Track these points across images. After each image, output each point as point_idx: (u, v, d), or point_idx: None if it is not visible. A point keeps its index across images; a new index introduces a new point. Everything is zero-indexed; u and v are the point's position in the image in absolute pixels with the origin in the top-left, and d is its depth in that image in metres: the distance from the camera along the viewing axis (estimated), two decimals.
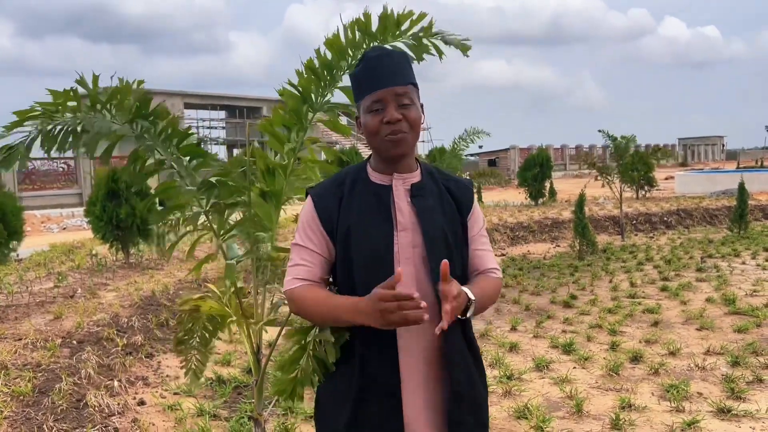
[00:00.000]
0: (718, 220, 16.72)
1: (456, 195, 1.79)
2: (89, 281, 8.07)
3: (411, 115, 1.66)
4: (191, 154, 2.56)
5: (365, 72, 1.68)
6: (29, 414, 3.89)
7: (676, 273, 9.39)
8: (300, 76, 2.40)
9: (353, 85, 1.75)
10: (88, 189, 24.66)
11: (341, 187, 1.73)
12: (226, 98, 42.10)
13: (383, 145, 1.67)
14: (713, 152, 69.20)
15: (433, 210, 1.72)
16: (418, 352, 1.67)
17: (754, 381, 4.71)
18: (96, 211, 9.68)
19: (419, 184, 1.74)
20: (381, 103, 1.65)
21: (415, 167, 1.77)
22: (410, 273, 1.67)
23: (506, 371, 5.06)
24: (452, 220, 1.74)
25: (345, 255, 1.68)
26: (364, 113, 1.69)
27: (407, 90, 1.67)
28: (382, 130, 1.65)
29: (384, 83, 1.65)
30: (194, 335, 2.90)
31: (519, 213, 16.54)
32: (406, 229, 1.69)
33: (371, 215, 1.69)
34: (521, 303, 7.71)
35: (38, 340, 5.20)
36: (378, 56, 1.69)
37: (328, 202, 1.72)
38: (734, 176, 18.57)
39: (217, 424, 4.20)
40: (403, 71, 1.68)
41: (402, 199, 1.71)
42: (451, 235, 1.72)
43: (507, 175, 39.34)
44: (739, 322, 6.36)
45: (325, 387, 1.81)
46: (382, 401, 1.66)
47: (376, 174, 1.74)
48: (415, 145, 1.72)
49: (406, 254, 1.67)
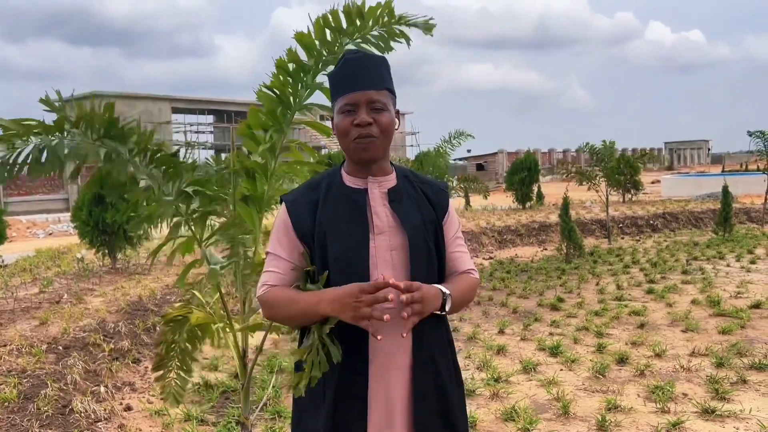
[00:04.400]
0: (703, 223, 16.88)
1: (432, 198, 1.80)
2: (75, 287, 8.01)
3: (382, 119, 1.66)
4: (166, 165, 2.53)
5: (342, 73, 1.69)
6: (14, 420, 3.86)
7: (662, 275, 9.46)
8: (275, 77, 2.41)
9: (330, 84, 1.75)
10: (74, 194, 24.48)
11: (316, 192, 1.73)
12: (213, 102, 41.99)
13: (352, 148, 1.67)
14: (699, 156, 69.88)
15: (411, 214, 1.73)
16: (388, 355, 1.66)
17: (738, 382, 4.76)
18: (82, 216, 9.62)
19: (396, 188, 1.75)
20: (354, 105, 1.66)
21: (390, 171, 1.77)
22: (389, 276, 1.67)
23: (494, 374, 5.08)
24: (430, 223, 1.75)
25: (322, 259, 1.67)
26: (336, 114, 1.70)
27: (382, 94, 1.67)
28: (351, 131, 1.66)
29: (359, 86, 1.66)
30: (176, 351, 2.88)
31: (507, 216, 16.62)
32: (383, 233, 1.69)
33: (347, 219, 1.69)
34: (509, 306, 7.74)
35: (23, 346, 5.16)
36: (356, 59, 1.70)
37: (303, 207, 1.71)
38: (719, 180, 18.77)
39: (205, 429, 4.19)
40: (379, 76, 1.69)
41: (378, 203, 1.71)
42: (429, 238, 1.73)
43: (495, 179, 39.46)
44: (724, 323, 6.42)
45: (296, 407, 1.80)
46: (352, 404, 1.66)
47: (350, 178, 1.74)
48: (386, 149, 1.72)
49: (384, 257, 1.68)
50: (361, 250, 1.66)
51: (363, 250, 1.66)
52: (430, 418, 1.70)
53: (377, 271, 1.66)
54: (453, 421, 1.74)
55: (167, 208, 2.46)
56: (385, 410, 1.67)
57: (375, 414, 1.66)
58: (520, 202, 20.40)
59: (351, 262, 1.65)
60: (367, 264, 1.66)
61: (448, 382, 1.74)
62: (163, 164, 2.48)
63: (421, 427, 1.68)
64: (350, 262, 1.65)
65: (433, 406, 1.70)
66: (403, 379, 1.68)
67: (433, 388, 1.70)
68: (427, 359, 1.69)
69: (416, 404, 1.68)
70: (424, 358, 1.69)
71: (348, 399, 1.65)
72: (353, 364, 1.65)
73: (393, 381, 1.67)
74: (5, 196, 23.48)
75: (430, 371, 1.70)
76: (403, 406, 1.68)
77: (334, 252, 1.65)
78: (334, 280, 1.64)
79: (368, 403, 1.66)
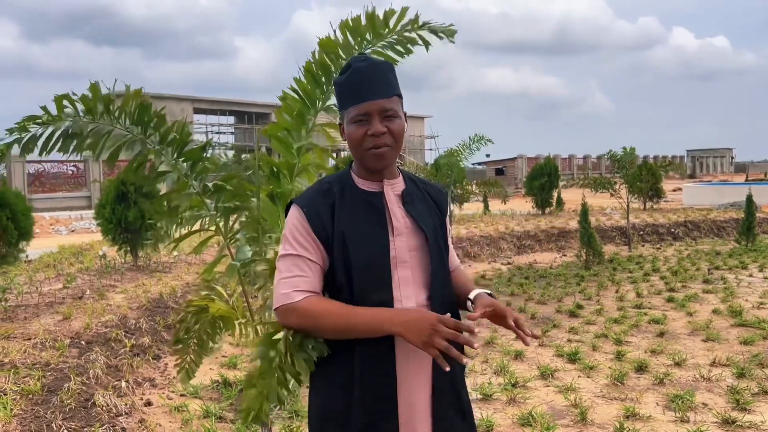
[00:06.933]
0: (725, 232, 16.67)
1: (436, 199, 1.86)
2: (98, 283, 8.13)
3: (395, 127, 1.69)
4: (193, 158, 2.59)
5: (351, 81, 1.70)
6: (38, 412, 3.93)
7: (683, 284, 9.37)
8: (298, 82, 2.45)
9: (337, 92, 1.76)
10: (96, 192, 24.82)
11: (330, 195, 1.73)
12: (235, 104, 42.27)
13: (366, 157, 1.70)
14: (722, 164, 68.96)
15: (425, 215, 1.77)
16: (414, 354, 1.68)
17: (759, 393, 4.71)
18: (105, 214, 9.75)
19: (407, 190, 1.79)
20: (366, 115, 1.67)
21: (398, 173, 1.80)
22: (407, 277, 1.70)
23: (511, 379, 5.07)
24: (439, 223, 1.81)
25: (342, 262, 1.67)
26: (348, 123, 1.71)
27: (392, 101, 1.69)
28: (366, 141, 1.68)
29: (370, 96, 1.67)
30: (194, 335, 2.93)
31: (526, 222, 16.54)
32: (401, 234, 1.71)
33: (366, 222, 1.70)
34: (527, 311, 7.71)
35: (47, 340, 5.25)
36: (364, 67, 1.70)
37: (320, 210, 1.69)
38: (742, 189, 18.51)
39: (223, 426, 4.23)
40: (388, 83, 1.71)
41: (395, 205, 1.74)
42: (441, 237, 1.80)
43: (514, 184, 39.25)
44: (746, 334, 6.35)
45: (321, 402, 1.75)
46: (378, 409, 1.67)
47: (363, 181, 1.76)
48: (397, 155, 1.75)
49: (403, 258, 1.70)
50: (383, 252, 1.69)
51: (385, 252, 1.69)
52: (448, 414, 1.73)
53: (396, 273, 1.69)
54: (469, 417, 1.79)
55: (194, 202, 2.51)
56: (410, 411, 1.69)
57: (403, 413, 1.68)
58: (540, 208, 20.29)
59: (374, 265, 1.67)
60: (389, 266, 1.68)
61: (460, 379, 1.80)
62: (192, 158, 2.53)
63: (440, 423, 1.71)
64: (373, 265, 1.67)
65: (451, 402, 1.74)
66: (425, 379, 1.70)
67: (449, 386, 1.73)
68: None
69: (437, 401, 1.70)
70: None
71: (378, 401, 1.66)
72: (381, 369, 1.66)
73: (418, 381, 1.69)
74: (29, 192, 23.86)
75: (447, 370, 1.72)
76: (424, 406, 1.70)
77: (358, 256, 1.66)
78: (357, 281, 1.66)
79: (398, 404, 1.67)
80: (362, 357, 1.66)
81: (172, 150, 2.52)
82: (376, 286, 1.66)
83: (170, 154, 2.52)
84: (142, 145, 2.48)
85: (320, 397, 1.76)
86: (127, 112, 2.44)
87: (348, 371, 1.67)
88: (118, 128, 2.46)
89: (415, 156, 44.83)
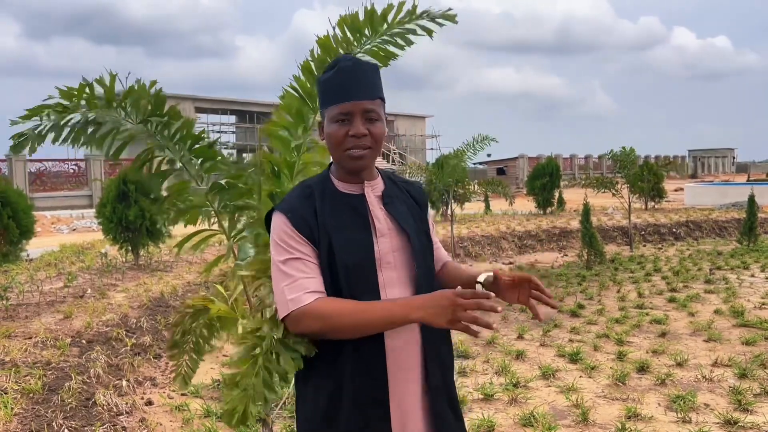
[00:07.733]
0: (727, 232, 16.65)
1: (416, 197, 1.85)
2: (99, 282, 8.13)
3: (376, 130, 1.67)
4: (204, 156, 2.59)
5: (335, 80, 1.68)
6: (39, 411, 3.93)
7: (685, 284, 9.35)
8: (297, 80, 2.44)
9: (320, 90, 1.74)
10: (98, 191, 24.80)
11: (311, 199, 1.70)
12: (236, 103, 42.29)
13: (344, 158, 1.68)
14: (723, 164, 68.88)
15: (405, 214, 1.76)
16: (404, 352, 1.67)
17: (761, 393, 4.69)
18: (106, 213, 9.77)
19: (387, 191, 1.77)
20: (349, 114, 1.65)
21: (376, 174, 1.79)
22: (393, 278, 1.69)
23: (512, 379, 5.06)
24: (420, 221, 1.81)
25: (328, 265, 1.65)
26: (328, 122, 1.69)
27: (375, 104, 1.68)
28: (346, 142, 1.66)
29: (354, 95, 1.65)
30: (190, 338, 2.91)
31: (527, 221, 16.52)
32: (384, 235, 1.71)
33: (349, 225, 1.69)
34: (528, 311, 7.68)
35: (48, 339, 5.25)
36: (350, 66, 1.68)
37: (304, 215, 1.67)
38: (744, 189, 18.49)
39: (224, 425, 4.22)
40: (373, 85, 1.69)
41: (376, 206, 1.73)
42: (423, 236, 1.79)
43: (516, 184, 39.24)
44: (747, 334, 6.34)
45: (309, 408, 1.72)
46: (370, 410, 1.65)
47: (342, 184, 1.74)
48: (376, 158, 1.73)
49: (387, 259, 1.69)
50: (368, 255, 1.67)
51: (370, 254, 1.68)
52: (445, 410, 1.72)
53: (382, 274, 1.68)
54: (460, 419, 1.79)
55: (201, 199, 2.51)
56: (400, 410, 1.67)
57: (394, 415, 1.67)
58: (541, 208, 20.27)
59: (360, 268, 1.66)
60: (374, 268, 1.67)
61: (450, 381, 1.79)
62: (201, 155, 2.52)
63: (439, 420, 1.70)
64: (359, 268, 1.66)
65: (445, 398, 1.73)
66: (415, 377, 1.69)
67: (442, 384, 1.73)
68: (434, 355, 1.71)
69: (432, 398, 1.69)
70: (432, 354, 1.70)
71: (370, 405, 1.64)
72: (371, 369, 1.65)
73: (407, 380, 1.68)
74: (31, 191, 23.86)
75: (438, 366, 1.72)
76: (415, 403, 1.69)
77: (343, 260, 1.64)
78: (344, 284, 1.64)
79: (389, 405, 1.66)
80: (352, 358, 1.63)
81: (180, 147, 2.51)
82: (363, 289, 1.64)
83: (180, 151, 2.51)
84: (153, 140, 2.46)
85: (308, 403, 1.72)
86: (141, 106, 2.42)
87: (337, 374, 1.65)
88: (129, 122, 2.45)
89: (416, 155, 44.81)
